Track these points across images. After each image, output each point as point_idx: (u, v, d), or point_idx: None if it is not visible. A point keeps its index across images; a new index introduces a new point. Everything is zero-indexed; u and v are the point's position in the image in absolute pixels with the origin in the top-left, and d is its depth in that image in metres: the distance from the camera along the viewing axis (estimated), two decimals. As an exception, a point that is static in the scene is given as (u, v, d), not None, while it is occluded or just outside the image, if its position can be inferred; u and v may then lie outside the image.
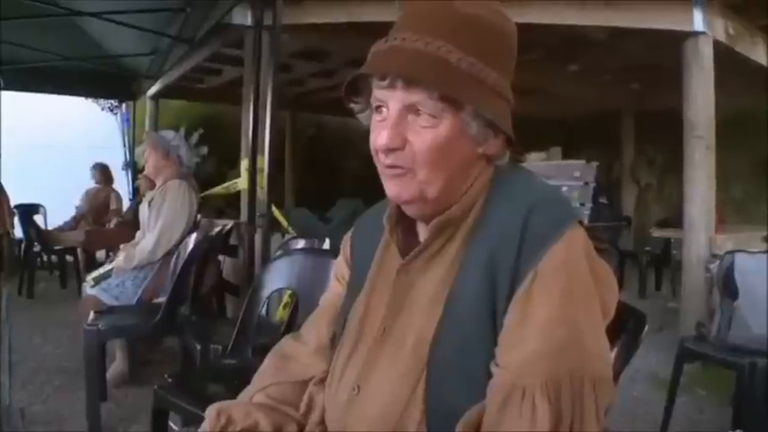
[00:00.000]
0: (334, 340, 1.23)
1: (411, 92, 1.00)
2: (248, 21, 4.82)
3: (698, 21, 4.96)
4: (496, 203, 1.05)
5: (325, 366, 1.21)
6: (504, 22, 1.08)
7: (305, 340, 1.29)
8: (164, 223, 3.71)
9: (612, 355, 1.16)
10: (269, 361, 1.30)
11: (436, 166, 1.02)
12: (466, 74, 1.00)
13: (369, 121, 1.12)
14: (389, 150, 1.03)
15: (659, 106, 8.47)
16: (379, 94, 1.04)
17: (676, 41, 5.09)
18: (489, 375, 0.96)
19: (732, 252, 3.48)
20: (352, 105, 1.14)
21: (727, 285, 3.38)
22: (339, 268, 1.33)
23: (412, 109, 1.01)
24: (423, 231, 1.14)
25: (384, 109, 1.04)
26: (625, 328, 1.21)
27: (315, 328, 1.30)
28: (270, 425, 1.14)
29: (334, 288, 1.32)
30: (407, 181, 1.04)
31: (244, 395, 1.24)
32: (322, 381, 1.20)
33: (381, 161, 1.06)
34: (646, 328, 1.22)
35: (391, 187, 1.07)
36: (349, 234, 1.33)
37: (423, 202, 1.06)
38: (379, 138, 1.03)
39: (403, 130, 1.02)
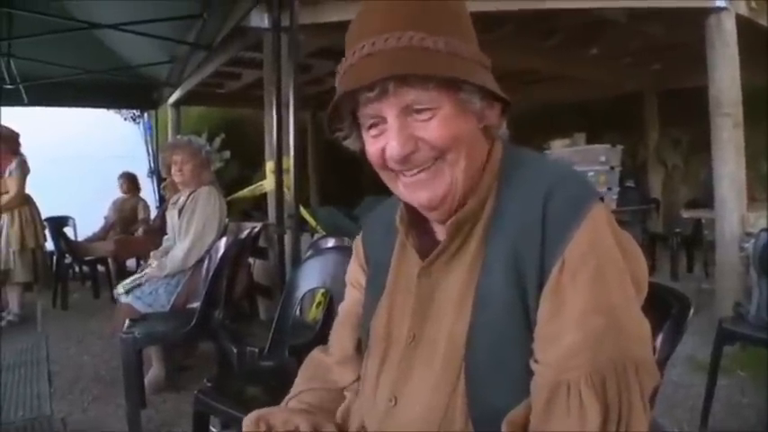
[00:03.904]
0: (360, 347, 1.22)
1: (404, 92, 0.98)
2: (265, 23, 4.82)
3: (719, -4, 4.89)
4: (511, 192, 1.02)
5: (353, 376, 1.21)
6: None
7: (331, 351, 1.29)
8: (196, 230, 3.73)
9: (658, 341, 1.14)
10: (303, 372, 1.30)
11: (456, 147, 1.00)
12: (447, 54, 0.98)
13: (355, 146, 1.11)
14: (405, 158, 1.01)
15: (682, 86, 8.36)
16: (370, 109, 1.01)
17: (698, 18, 5.01)
18: (529, 373, 0.94)
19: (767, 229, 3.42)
20: (338, 134, 1.11)
21: (764, 263, 3.32)
22: (353, 274, 1.30)
23: (408, 110, 0.99)
24: (439, 230, 1.11)
25: (378, 123, 1.02)
26: (669, 314, 1.19)
27: (338, 338, 1.29)
28: (310, 428, 1.12)
29: (352, 295, 1.30)
30: (438, 176, 1.02)
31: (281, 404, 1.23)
32: (357, 389, 1.19)
33: (396, 170, 1.04)
34: (691, 311, 1.19)
35: (418, 195, 1.04)
36: (359, 238, 1.31)
37: (452, 198, 1.03)
38: (390, 148, 1.01)
39: (409, 132, 1.00)
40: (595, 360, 0.89)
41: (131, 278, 3.94)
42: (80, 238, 7.64)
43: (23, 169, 5.64)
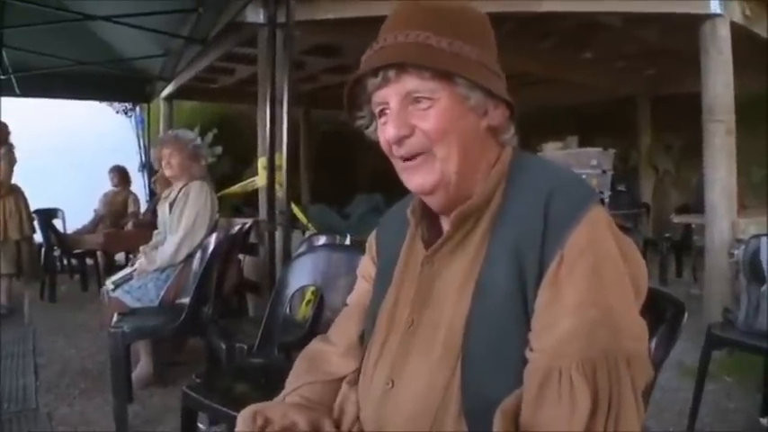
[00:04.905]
0: (363, 337, 1.24)
1: (404, 81, 1.06)
2: (261, 18, 4.81)
3: (714, 3, 4.90)
4: (516, 191, 1.07)
5: (355, 365, 1.23)
6: (471, 9, 1.14)
7: (334, 341, 1.31)
8: (186, 225, 3.73)
9: (652, 345, 1.15)
10: (299, 364, 1.31)
11: (449, 139, 1.06)
12: (449, 52, 1.05)
13: (376, 136, 1.16)
14: (400, 140, 1.07)
15: (675, 91, 8.39)
16: (377, 96, 1.10)
17: (692, 25, 5.03)
18: (524, 363, 0.97)
19: (758, 236, 3.43)
20: (359, 122, 1.19)
21: (753, 270, 3.34)
22: (365, 267, 1.35)
23: (409, 98, 1.06)
24: (446, 224, 1.15)
25: (386, 110, 1.09)
26: (664, 318, 1.19)
27: (343, 328, 1.31)
28: (307, 424, 1.14)
29: (361, 287, 1.34)
30: (428, 165, 1.07)
31: (278, 399, 1.25)
32: (354, 380, 1.21)
33: (396, 154, 1.10)
34: (685, 316, 1.20)
35: (413, 179, 1.10)
36: (374, 233, 1.35)
37: (446, 187, 1.08)
38: (387, 131, 1.08)
39: (407, 119, 1.07)
40: (588, 349, 0.92)
41: (121, 273, 3.93)
42: (69, 231, 7.61)
43: (10, 159, 5.59)
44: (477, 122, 1.09)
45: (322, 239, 3.69)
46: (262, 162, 4.72)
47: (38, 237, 6.50)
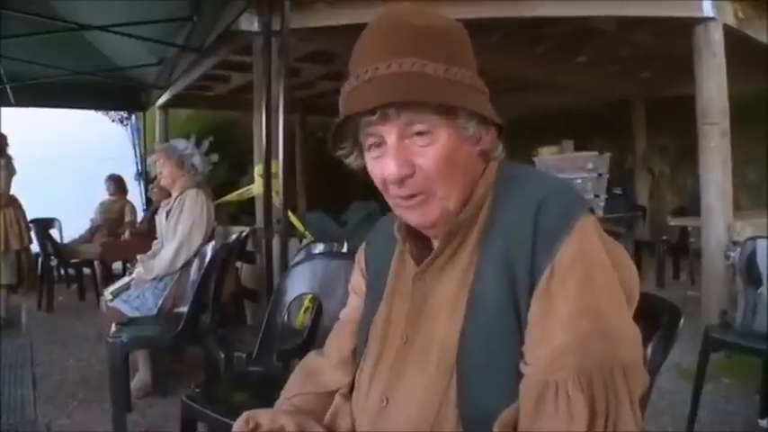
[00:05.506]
0: (356, 352, 1.24)
1: (404, 116, 1.00)
2: (256, 26, 4.82)
3: (707, 6, 4.93)
4: (505, 203, 1.05)
5: (347, 379, 1.23)
6: (452, 22, 1.09)
7: (327, 354, 1.32)
8: (182, 233, 3.73)
9: (648, 350, 1.15)
10: (294, 376, 1.33)
11: (450, 178, 1.03)
12: (445, 80, 1.01)
13: (357, 164, 1.14)
14: (402, 180, 1.03)
15: (670, 94, 8.41)
16: (371, 130, 1.04)
17: (686, 28, 5.06)
18: (519, 376, 0.96)
19: (754, 238, 3.44)
20: (339, 153, 1.14)
21: (750, 272, 3.35)
22: (355, 282, 1.33)
23: (408, 133, 1.02)
24: (435, 239, 1.13)
25: (380, 144, 1.05)
26: (659, 324, 1.19)
27: (336, 342, 1.32)
28: (295, 426, 1.15)
29: (353, 301, 1.33)
30: (430, 205, 1.05)
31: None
32: (347, 393, 1.21)
33: (394, 194, 1.07)
34: (681, 321, 1.20)
35: (412, 216, 1.08)
36: (362, 247, 1.34)
37: (446, 219, 1.06)
38: (387, 170, 1.03)
39: (407, 155, 1.02)
40: (583, 362, 0.91)
41: (119, 282, 3.93)
42: (66, 240, 7.60)
43: (9, 170, 5.59)
44: (472, 150, 1.07)
45: (320, 247, 3.69)
46: (258, 170, 4.73)
47: (34, 247, 6.49)
